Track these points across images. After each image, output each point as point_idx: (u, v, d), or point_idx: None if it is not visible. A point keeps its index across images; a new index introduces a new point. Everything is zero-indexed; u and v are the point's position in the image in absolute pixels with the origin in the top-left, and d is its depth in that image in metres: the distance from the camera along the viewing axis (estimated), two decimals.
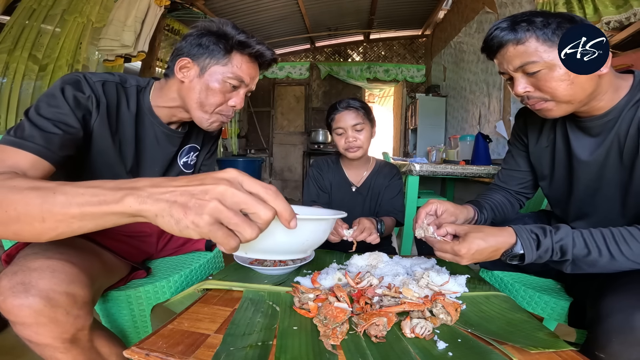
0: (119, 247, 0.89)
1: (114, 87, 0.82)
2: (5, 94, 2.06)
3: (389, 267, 0.88)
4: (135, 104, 0.87)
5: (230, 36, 0.82)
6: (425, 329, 0.59)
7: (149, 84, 0.90)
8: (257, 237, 0.41)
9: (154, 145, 0.92)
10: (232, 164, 4.82)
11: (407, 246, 1.99)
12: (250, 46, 0.84)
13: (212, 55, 0.82)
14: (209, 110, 0.85)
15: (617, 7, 1.70)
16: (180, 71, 0.83)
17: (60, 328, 0.57)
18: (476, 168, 2.03)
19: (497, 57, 0.77)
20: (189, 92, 0.84)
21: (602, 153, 0.78)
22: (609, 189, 0.79)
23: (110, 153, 0.83)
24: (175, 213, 0.38)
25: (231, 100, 0.87)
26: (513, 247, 0.68)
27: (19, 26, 2.13)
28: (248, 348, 0.54)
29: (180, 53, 0.84)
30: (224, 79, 0.83)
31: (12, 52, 2.07)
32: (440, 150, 3.23)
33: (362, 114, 1.22)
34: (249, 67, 0.86)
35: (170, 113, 0.90)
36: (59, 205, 0.41)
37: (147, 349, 0.52)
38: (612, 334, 0.58)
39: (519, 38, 0.70)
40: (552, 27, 0.68)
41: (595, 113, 0.77)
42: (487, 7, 3.12)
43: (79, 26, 2.33)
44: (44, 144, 0.65)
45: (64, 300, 0.57)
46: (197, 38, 0.83)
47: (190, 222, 0.38)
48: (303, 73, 5.89)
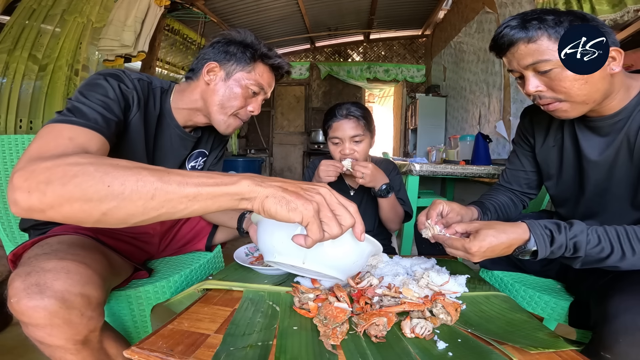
0: (123, 247, 0.89)
1: (146, 85, 0.86)
2: (5, 94, 2.06)
3: (389, 267, 0.88)
4: (160, 104, 0.90)
5: (256, 47, 0.90)
6: (425, 329, 0.59)
7: (170, 86, 0.94)
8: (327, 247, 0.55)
9: (169, 147, 0.96)
10: (232, 164, 4.82)
11: (407, 246, 1.99)
12: (272, 57, 0.92)
13: (239, 62, 0.89)
14: (229, 112, 0.90)
15: (613, 6, 1.71)
16: (208, 74, 0.89)
17: (74, 329, 0.57)
18: (476, 168, 2.03)
19: (507, 56, 0.76)
20: (212, 94, 0.89)
21: (611, 153, 0.78)
22: (618, 189, 0.79)
23: (138, 149, 0.86)
24: (288, 196, 0.45)
25: (250, 105, 0.93)
26: (526, 244, 0.67)
27: (19, 26, 2.13)
28: (248, 348, 0.54)
29: (208, 58, 0.90)
30: (247, 84, 0.89)
31: (12, 52, 2.07)
32: (440, 150, 3.23)
33: (362, 125, 1.12)
34: (269, 77, 0.94)
35: (188, 116, 0.94)
36: (175, 184, 0.44)
37: (147, 349, 0.52)
38: (620, 334, 0.58)
39: (530, 36, 0.69)
40: (564, 25, 0.67)
41: (606, 113, 0.76)
42: (487, 7, 3.12)
43: (79, 26, 2.33)
44: (106, 126, 0.66)
45: (79, 301, 0.57)
46: (225, 45, 0.89)
47: (301, 204, 0.45)
48: (303, 73, 5.89)
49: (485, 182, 2.53)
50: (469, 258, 0.69)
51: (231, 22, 4.39)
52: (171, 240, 1.11)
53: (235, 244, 0.92)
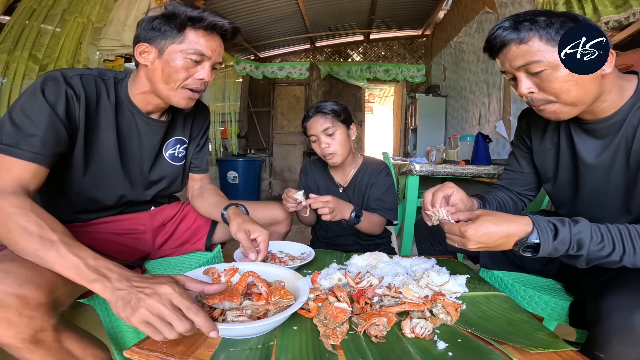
0: (106, 246, 0.89)
1: (92, 79, 0.85)
2: (5, 94, 2.06)
3: (389, 267, 0.88)
4: (114, 94, 0.90)
5: (178, 14, 0.83)
6: (425, 329, 0.59)
7: (126, 75, 0.93)
8: None
9: (135, 135, 0.95)
10: (232, 164, 4.81)
11: (407, 246, 1.99)
12: (202, 20, 0.84)
13: (166, 36, 0.84)
14: (174, 86, 0.87)
15: (617, 7, 1.70)
16: (141, 56, 0.86)
17: (15, 329, 0.57)
18: (476, 168, 2.03)
19: (500, 57, 0.76)
20: (153, 73, 0.87)
21: (608, 156, 0.77)
22: (615, 192, 0.78)
23: (97, 145, 0.87)
24: (118, 307, 0.53)
25: (197, 73, 0.88)
26: (528, 237, 0.65)
27: (19, 26, 2.12)
28: (248, 351, 0.54)
29: (137, 40, 0.87)
30: (184, 55, 0.85)
31: (12, 52, 2.07)
32: (440, 150, 3.23)
33: (330, 118, 1.19)
34: (208, 40, 0.86)
35: (145, 100, 0.92)
36: (48, 260, 0.59)
37: (147, 349, 0.52)
38: (612, 334, 0.58)
39: (521, 37, 0.69)
40: (555, 26, 0.67)
41: (600, 115, 0.76)
42: (487, 7, 3.12)
43: (79, 26, 2.32)
44: (38, 149, 0.71)
45: (15, 301, 0.57)
46: (149, 22, 0.86)
47: (124, 316, 0.52)
48: (303, 73, 5.89)
49: (485, 182, 2.53)
50: (464, 243, 0.68)
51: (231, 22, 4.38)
52: (168, 238, 1.10)
53: (235, 244, 0.91)
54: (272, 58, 6.05)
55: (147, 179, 1.01)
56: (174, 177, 1.07)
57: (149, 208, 1.08)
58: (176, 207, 1.15)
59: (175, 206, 1.15)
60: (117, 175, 0.93)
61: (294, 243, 1.07)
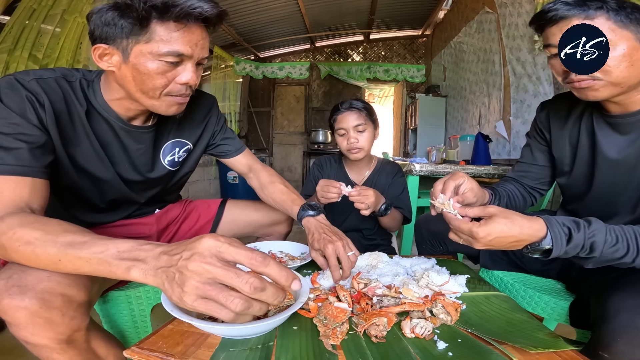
0: None
1: (53, 82, 0.70)
2: None
3: (389, 267, 0.88)
4: (85, 99, 0.75)
5: (134, 3, 0.63)
6: (425, 329, 0.59)
7: (97, 74, 0.78)
8: None
9: (116, 145, 0.82)
10: None
11: (407, 246, 1.99)
12: (170, 8, 0.63)
13: (126, 33, 0.65)
14: (155, 96, 0.71)
15: None
16: (102, 60, 0.69)
17: (56, 329, 0.57)
18: (476, 168, 2.03)
19: (552, 29, 0.72)
20: (124, 80, 0.70)
21: (632, 153, 0.75)
22: (633, 190, 0.76)
23: (78, 157, 0.76)
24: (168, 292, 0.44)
25: (179, 77, 0.70)
26: (541, 241, 0.62)
27: (19, 26, 2.12)
28: (248, 351, 0.54)
29: (93, 40, 0.68)
30: (155, 58, 0.66)
31: (12, 52, 2.07)
32: (440, 150, 3.23)
33: (364, 115, 1.22)
34: (184, 34, 0.66)
35: (124, 106, 0.77)
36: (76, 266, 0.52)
37: (147, 349, 0.52)
38: (617, 334, 0.57)
39: (588, 14, 0.67)
40: (627, 10, 0.66)
41: (630, 108, 0.74)
42: (487, 7, 3.12)
43: (79, 26, 2.33)
44: (27, 162, 0.62)
45: (60, 301, 0.57)
46: (99, 17, 0.66)
47: (177, 298, 0.43)
48: (303, 73, 5.89)
49: (486, 182, 2.53)
50: (472, 243, 0.65)
51: (231, 22, 4.39)
52: (171, 240, 1.10)
53: None
54: (272, 58, 6.05)
55: (141, 187, 0.93)
56: (171, 184, 1.01)
57: (154, 211, 1.04)
58: (180, 207, 1.14)
59: (179, 206, 1.13)
60: (106, 185, 0.84)
61: (294, 243, 1.07)
